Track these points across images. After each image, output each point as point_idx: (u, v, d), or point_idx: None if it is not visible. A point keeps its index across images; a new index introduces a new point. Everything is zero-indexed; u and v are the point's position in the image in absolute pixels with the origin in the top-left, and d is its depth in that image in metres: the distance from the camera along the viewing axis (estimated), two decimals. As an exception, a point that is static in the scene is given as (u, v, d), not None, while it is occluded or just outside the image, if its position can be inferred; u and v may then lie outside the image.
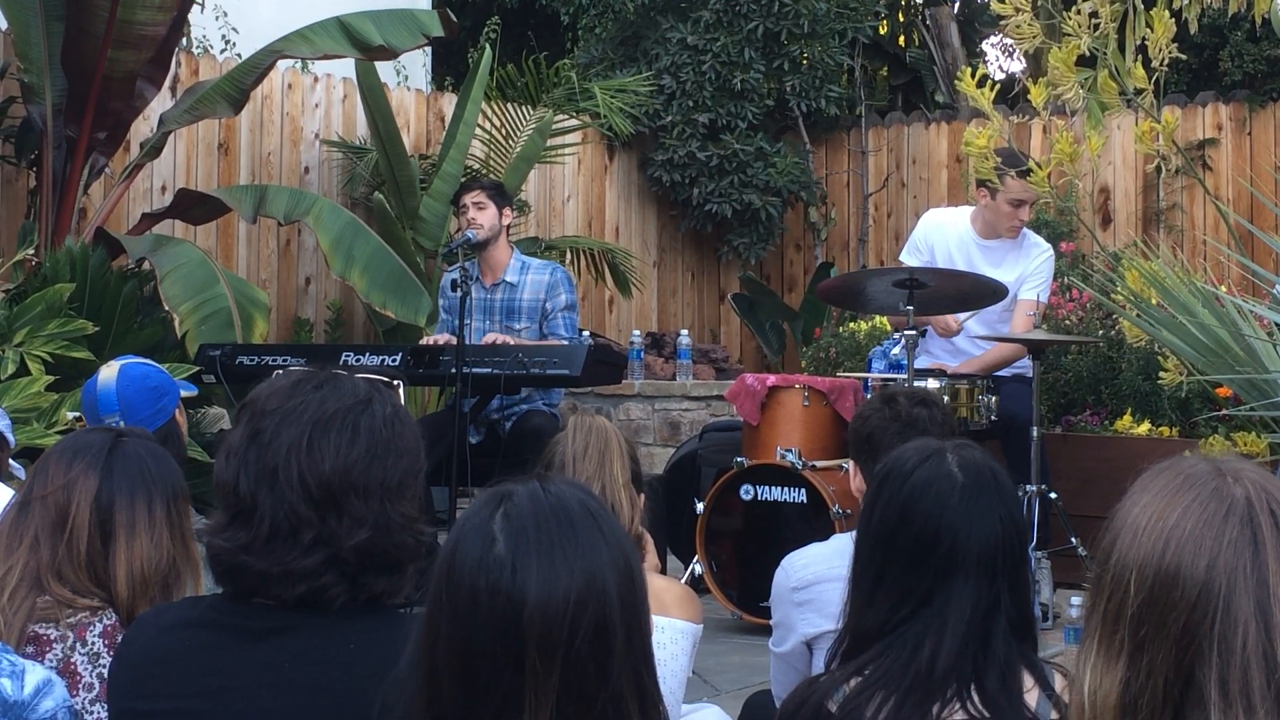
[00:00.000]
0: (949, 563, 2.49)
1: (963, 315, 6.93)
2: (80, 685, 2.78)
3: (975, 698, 2.41)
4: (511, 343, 6.78)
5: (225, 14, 9.97)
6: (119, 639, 2.80)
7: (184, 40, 9.20)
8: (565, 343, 6.88)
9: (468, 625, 1.75)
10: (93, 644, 2.80)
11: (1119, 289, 4.98)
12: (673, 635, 3.53)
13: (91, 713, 2.76)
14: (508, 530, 1.78)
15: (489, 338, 6.90)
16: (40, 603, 2.82)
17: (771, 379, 6.90)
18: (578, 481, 3.58)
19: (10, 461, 3.92)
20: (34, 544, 2.88)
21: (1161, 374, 5.07)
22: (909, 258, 7.12)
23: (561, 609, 1.73)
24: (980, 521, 2.53)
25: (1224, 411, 6.83)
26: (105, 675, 2.76)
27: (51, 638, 2.79)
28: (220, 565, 2.24)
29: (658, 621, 3.47)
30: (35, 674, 2.40)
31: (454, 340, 6.84)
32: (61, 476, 2.92)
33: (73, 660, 2.78)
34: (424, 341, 7.06)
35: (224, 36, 10.19)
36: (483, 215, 7.04)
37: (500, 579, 1.75)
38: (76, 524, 2.88)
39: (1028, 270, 6.93)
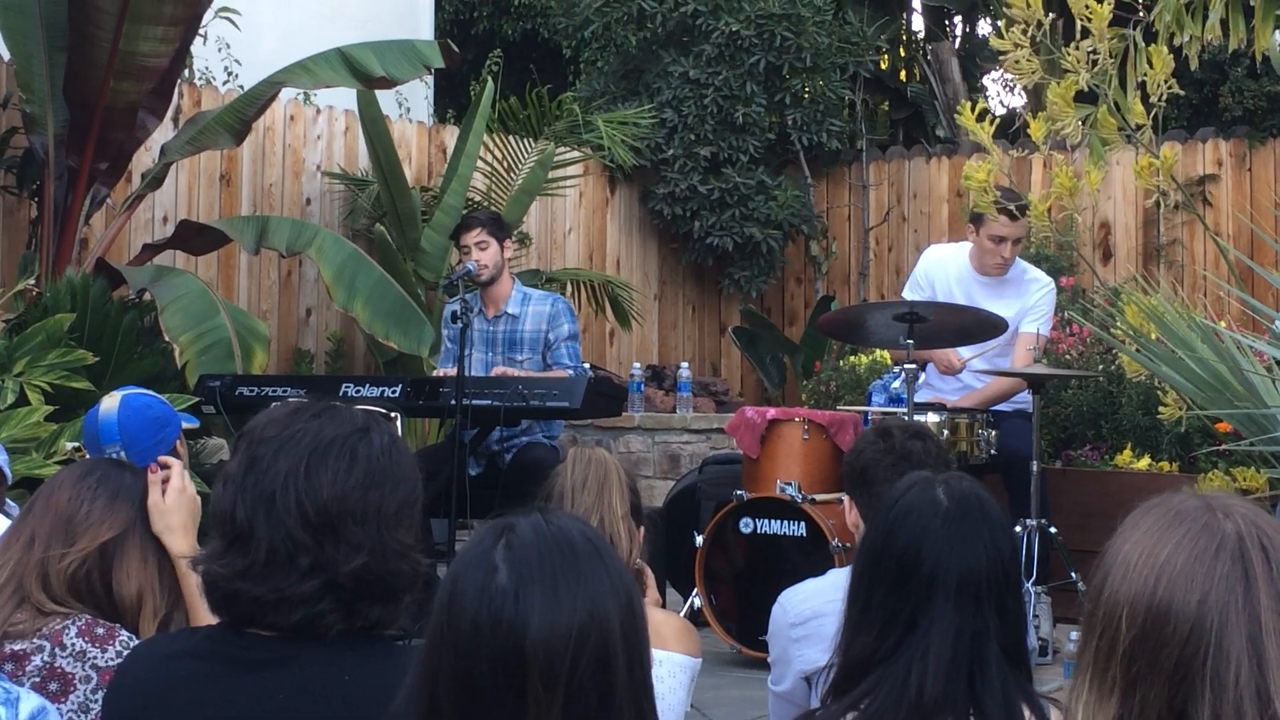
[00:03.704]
0: (930, 587, 2.49)
1: (966, 353, 6.92)
2: (76, 680, 2.80)
3: (978, 729, 2.41)
4: (518, 374, 6.78)
5: (228, 45, 10.00)
6: (98, 631, 2.83)
7: (186, 71, 9.22)
8: (568, 373, 6.88)
9: (470, 655, 1.75)
10: (72, 644, 2.83)
11: (1119, 324, 4.98)
12: (671, 669, 3.53)
13: (95, 700, 2.77)
14: (510, 560, 1.78)
15: (497, 371, 6.90)
16: (16, 617, 2.85)
17: (771, 412, 6.90)
18: (579, 515, 3.59)
19: (6, 500, 3.92)
20: (29, 544, 2.93)
21: (1161, 409, 5.07)
22: (910, 294, 7.12)
23: (564, 639, 1.73)
24: (962, 547, 2.53)
25: (1224, 446, 6.83)
26: (99, 665, 2.79)
27: (28, 651, 2.81)
28: (216, 592, 2.24)
29: (656, 655, 3.46)
30: (29, 701, 2.40)
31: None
32: (75, 492, 2.99)
33: (58, 665, 2.80)
34: (437, 373, 7.07)
35: (226, 68, 10.21)
36: (486, 255, 7.05)
37: (503, 609, 1.74)
38: (77, 541, 2.94)
39: (1028, 304, 6.93)
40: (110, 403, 3.86)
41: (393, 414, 3.27)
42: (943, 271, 7.07)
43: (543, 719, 1.72)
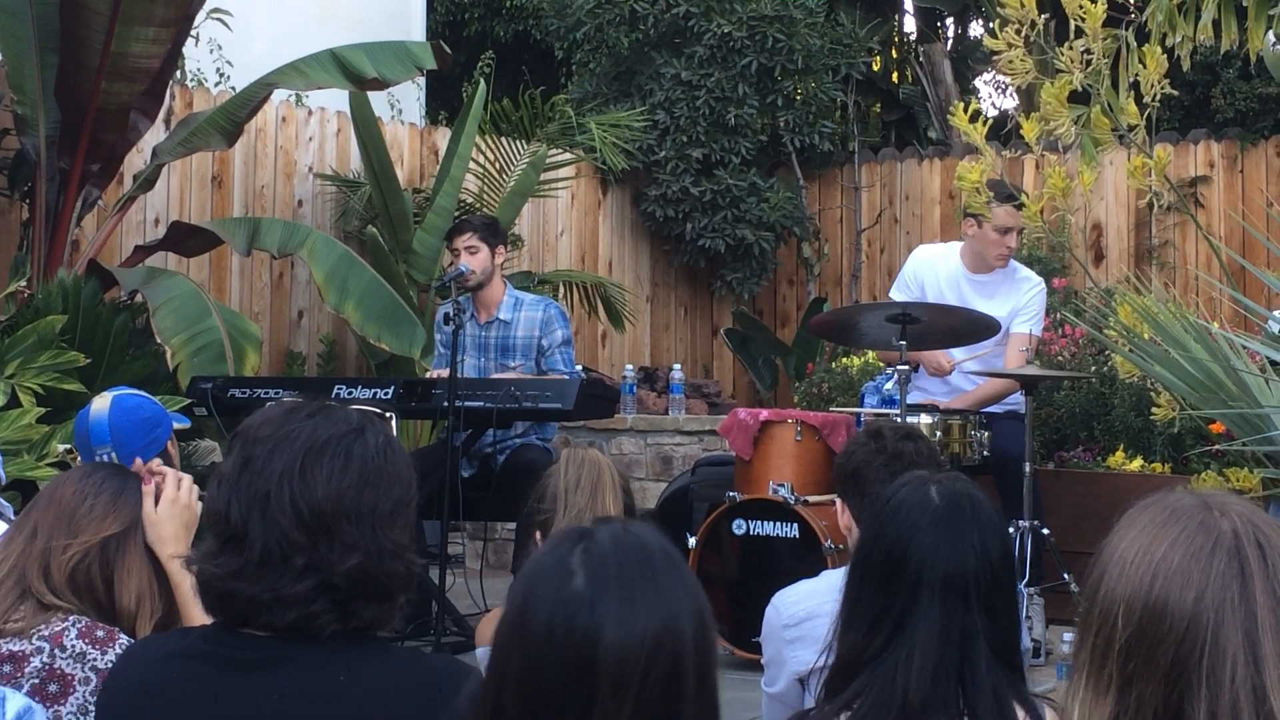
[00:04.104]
0: (916, 585, 2.50)
1: (958, 355, 6.93)
2: (75, 681, 2.80)
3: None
4: (511, 377, 6.78)
5: (220, 47, 9.99)
6: (98, 633, 2.83)
7: (178, 73, 9.21)
8: (563, 377, 6.88)
9: (540, 659, 1.72)
10: (72, 646, 2.83)
11: (1112, 324, 4.99)
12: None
13: (93, 703, 2.78)
14: (587, 565, 1.76)
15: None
16: (15, 614, 2.86)
17: (764, 413, 6.89)
18: (572, 517, 3.59)
19: (1, 502, 3.92)
20: (31, 536, 2.94)
21: (1154, 410, 5.07)
22: (898, 294, 7.13)
23: (637, 648, 1.71)
24: (949, 546, 2.53)
25: (1216, 447, 6.84)
26: (98, 667, 2.79)
27: (27, 652, 2.81)
28: (210, 592, 2.24)
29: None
30: (15, 701, 2.40)
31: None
32: (80, 487, 3.03)
33: (57, 666, 2.80)
34: (430, 374, 7.06)
35: (218, 69, 10.20)
36: (475, 260, 7.05)
37: (578, 614, 1.72)
38: (79, 534, 2.96)
39: (1020, 304, 6.94)
40: (101, 404, 3.85)
41: (388, 414, 3.27)
42: (932, 272, 7.08)
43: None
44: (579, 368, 7.28)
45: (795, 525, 6.42)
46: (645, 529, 1.85)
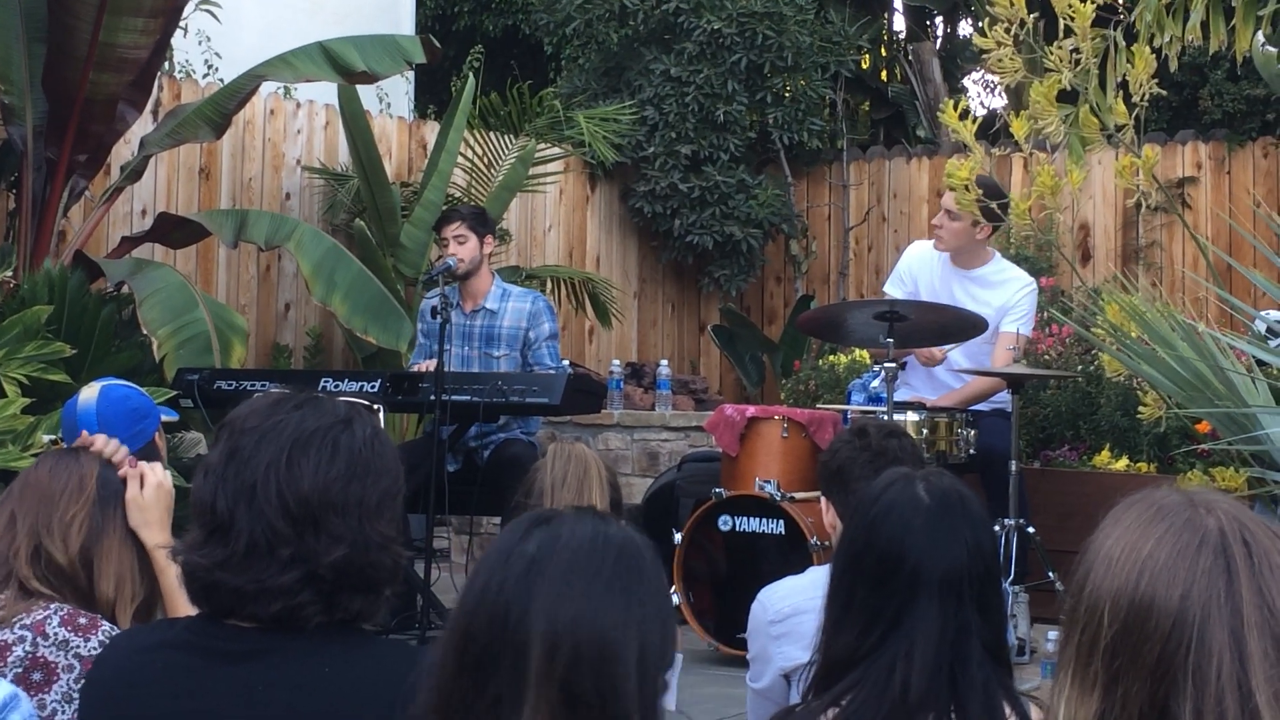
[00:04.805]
0: (913, 585, 2.50)
1: (947, 345, 6.93)
2: (59, 669, 2.80)
3: (958, 726, 2.41)
4: (498, 373, 6.78)
5: (208, 39, 9.97)
6: (80, 620, 2.83)
7: (166, 64, 9.19)
8: (549, 372, 6.87)
9: (473, 622, 1.77)
10: (54, 634, 2.82)
11: (1099, 323, 4.99)
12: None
13: (78, 690, 2.77)
14: (543, 539, 1.80)
15: None
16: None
17: (751, 410, 6.90)
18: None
19: None
20: (10, 523, 2.95)
21: (1141, 409, 5.08)
22: (893, 288, 7.14)
23: (567, 636, 1.73)
24: (944, 544, 2.54)
25: (1202, 446, 6.85)
26: (81, 655, 2.79)
27: (9, 641, 2.81)
28: (196, 583, 2.24)
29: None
30: (1, 689, 2.40)
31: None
32: (52, 467, 3.05)
33: (40, 654, 2.80)
34: (411, 368, 7.04)
35: (206, 61, 10.19)
36: (463, 249, 7.05)
37: (513, 582, 1.76)
38: (57, 511, 2.98)
39: (1009, 302, 6.94)
40: (89, 393, 3.84)
41: (375, 407, 3.27)
42: (926, 267, 7.09)
43: (542, 699, 1.71)
44: (565, 362, 7.27)
45: (781, 522, 6.43)
46: (626, 531, 1.85)
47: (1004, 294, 6.96)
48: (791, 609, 3.60)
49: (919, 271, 7.10)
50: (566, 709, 1.72)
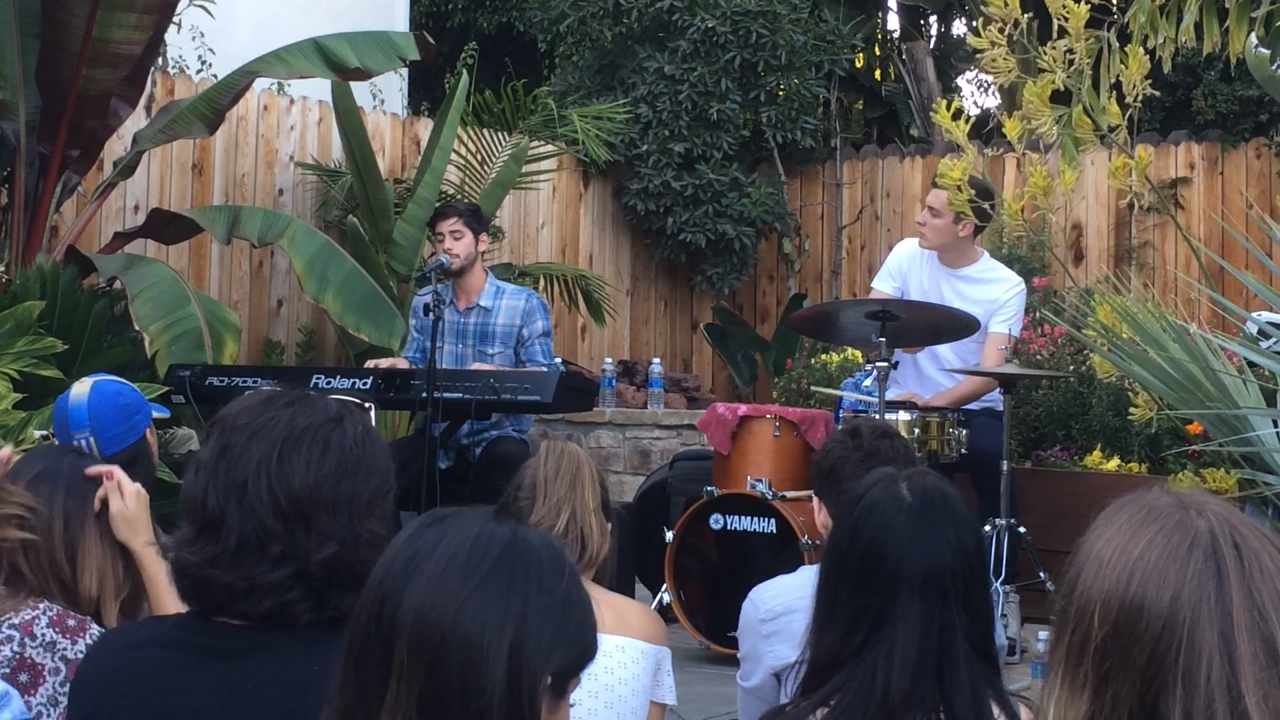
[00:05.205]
0: (894, 583, 2.50)
1: (940, 350, 6.93)
2: (45, 671, 2.79)
3: (945, 726, 2.41)
4: (487, 369, 6.77)
5: (202, 34, 9.96)
6: (69, 622, 2.82)
7: (160, 60, 9.18)
8: (542, 369, 6.87)
9: (362, 605, 1.76)
10: (42, 635, 2.82)
11: (1091, 323, 5.00)
12: (634, 655, 3.53)
13: (64, 693, 2.77)
14: (436, 535, 1.77)
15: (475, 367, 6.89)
16: None
17: (743, 408, 6.90)
18: (551, 505, 3.59)
19: None
20: None
21: (1132, 410, 5.08)
22: (884, 282, 7.14)
23: (433, 628, 1.70)
24: (926, 542, 2.54)
25: (1193, 447, 6.85)
26: (68, 658, 2.78)
27: None
28: (186, 579, 2.23)
29: (619, 641, 3.47)
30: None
31: (402, 363, 6.88)
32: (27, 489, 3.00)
33: (27, 655, 2.79)
34: (369, 364, 7.00)
35: (200, 57, 10.17)
36: (459, 245, 7.04)
37: (394, 569, 1.75)
38: (48, 530, 2.97)
39: (999, 300, 6.93)
40: (81, 389, 3.85)
41: (367, 404, 3.26)
42: (916, 265, 7.09)
43: (404, 691, 1.70)
44: (558, 360, 7.27)
45: (772, 520, 6.43)
46: (522, 532, 1.81)
47: (992, 293, 6.94)
48: (783, 608, 3.61)
49: (909, 269, 7.10)
50: (430, 703, 1.69)
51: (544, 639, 1.74)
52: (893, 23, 14.94)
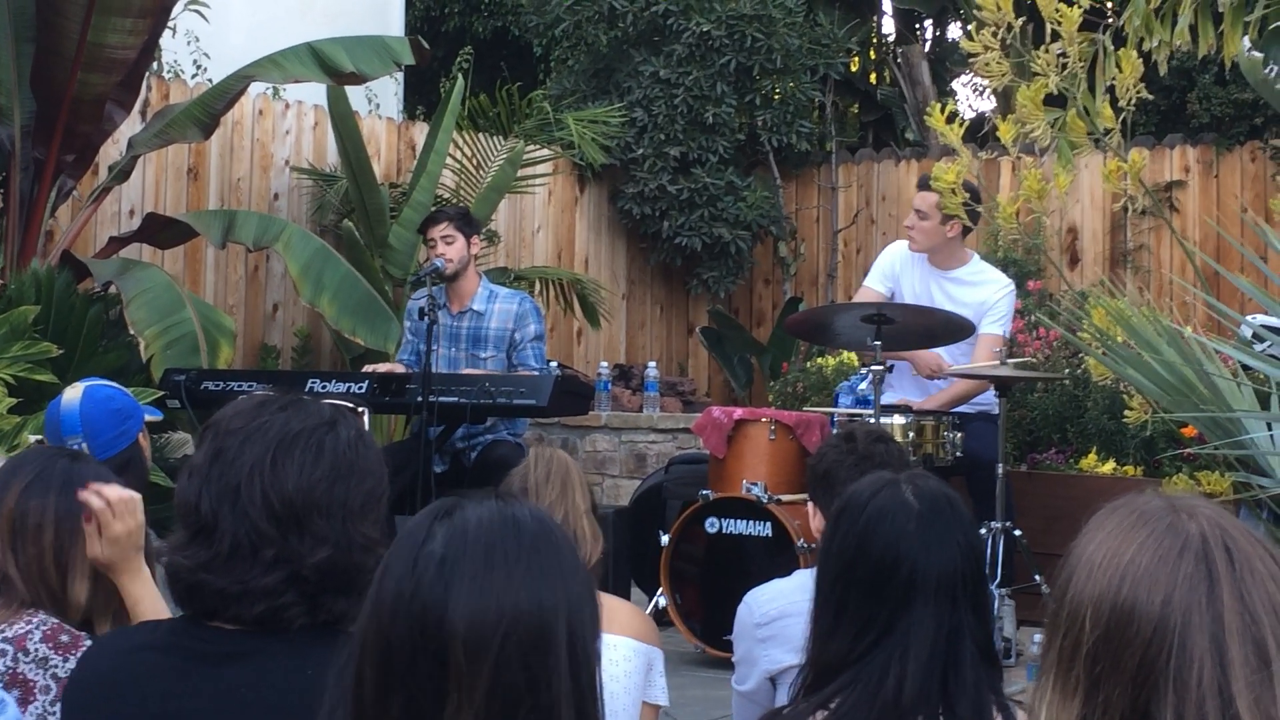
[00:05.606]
0: (909, 589, 2.50)
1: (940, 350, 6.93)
2: (36, 689, 2.78)
3: (949, 728, 2.41)
4: (480, 373, 6.78)
5: (197, 39, 9.96)
6: (62, 638, 2.81)
7: (154, 64, 9.18)
8: (534, 373, 6.87)
9: (390, 625, 1.70)
10: (35, 650, 2.80)
11: (1085, 327, 5.00)
12: (626, 653, 3.53)
13: (53, 713, 2.75)
14: (447, 535, 1.73)
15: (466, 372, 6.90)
16: None
17: (738, 412, 6.90)
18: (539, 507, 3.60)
19: None
20: None
21: (1127, 412, 5.08)
22: (876, 283, 7.13)
23: (492, 624, 1.67)
24: (938, 547, 2.54)
25: (1188, 450, 6.86)
26: (59, 676, 2.77)
27: None
28: (179, 584, 2.23)
29: (610, 639, 3.47)
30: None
31: (399, 369, 6.88)
32: (18, 494, 2.97)
33: (19, 670, 2.77)
34: (367, 368, 7.03)
35: (195, 61, 10.17)
36: (451, 249, 7.04)
37: (426, 581, 1.69)
38: (38, 536, 2.93)
39: (989, 301, 6.93)
40: (73, 394, 3.84)
41: (360, 409, 3.25)
42: (908, 267, 7.10)
43: (465, 699, 1.67)
44: (553, 363, 7.27)
45: (768, 524, 6.43)
46: (524, 507, 1.80)
47: (981, 294, 6.95)
48: (778, 612, 3.60)
49: (901, 272, 7.10)
50: (494, 706, 1.68)
51: (588, 617, 1.75)
52: (888, 26, 14.96)
